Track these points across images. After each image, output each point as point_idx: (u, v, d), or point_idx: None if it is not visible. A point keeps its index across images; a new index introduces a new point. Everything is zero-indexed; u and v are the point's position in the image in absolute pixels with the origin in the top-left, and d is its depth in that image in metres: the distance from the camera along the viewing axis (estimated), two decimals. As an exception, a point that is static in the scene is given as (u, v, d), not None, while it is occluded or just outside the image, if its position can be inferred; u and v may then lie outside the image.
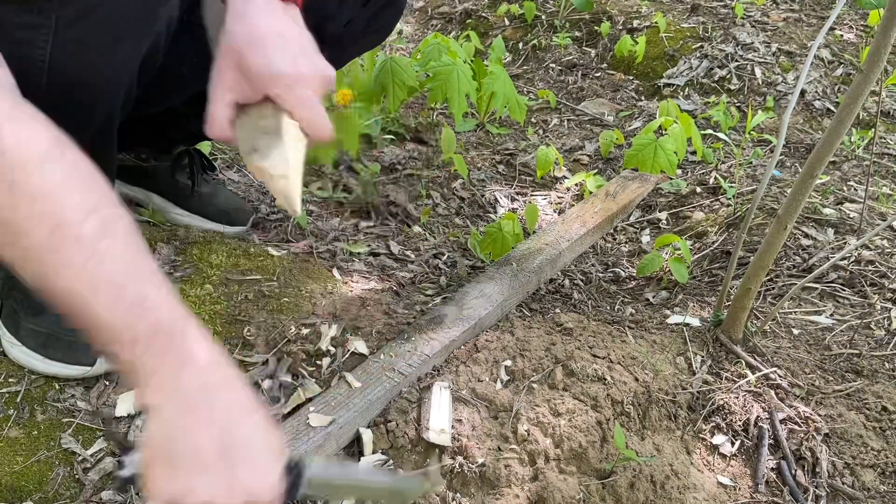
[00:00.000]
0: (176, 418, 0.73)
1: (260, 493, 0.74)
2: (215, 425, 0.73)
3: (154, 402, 0.74)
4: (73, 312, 0.72)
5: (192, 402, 0.73)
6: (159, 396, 0.73)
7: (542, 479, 1.14)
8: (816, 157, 1.22)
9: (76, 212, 0.70)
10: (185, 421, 0.73)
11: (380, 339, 1.35)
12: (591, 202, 1.99)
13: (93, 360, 1.16)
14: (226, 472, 0.73)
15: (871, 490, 1.25)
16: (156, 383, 0.73)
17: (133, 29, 0.91)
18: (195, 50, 1.30)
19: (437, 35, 2.22)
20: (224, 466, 0.73)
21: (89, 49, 0.88)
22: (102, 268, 0.70)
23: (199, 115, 1.50)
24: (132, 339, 0.71)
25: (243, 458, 0.74)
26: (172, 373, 0.73)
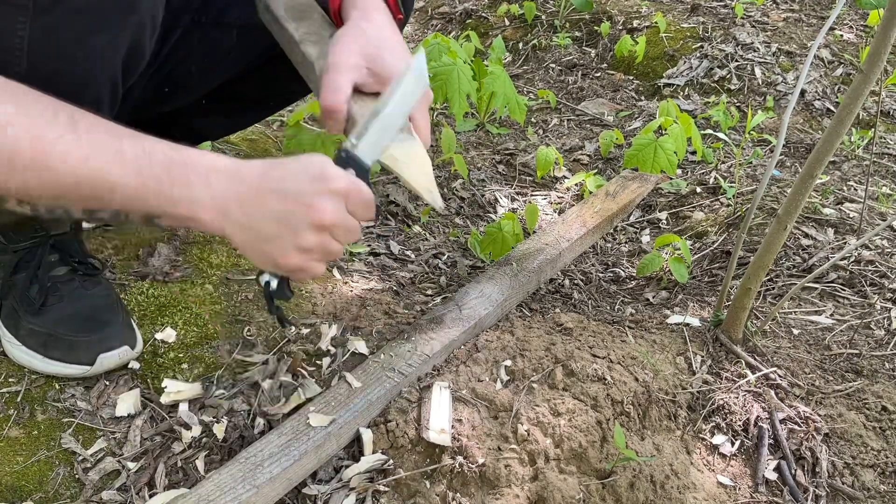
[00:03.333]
0: (236, 211, 0.86)
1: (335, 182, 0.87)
2: (261, 188, 0.86)
3: (215, 216, 0.86)
4: (95, 203, 0.83)
5: (236, 192, 0.85)
6: (213, 212, 0.85)
7: (542, 479, 1.14)
8: (816, 157, 1.22)
9: (42, 119, 0.79)
10: (242, 208, 0.86)
11: (380, 339, 1.35)
12: (591, 202, 1.99)
13: (92, 359, 1.16)
14: (297, 199, 0.86)
15: (871, 490, 1.25)
16: (202, 207, 0.85)
17: (108, 20, 0.91)
18: (204, 50, 1.31)
19: (437, 35, 2.22)
20: (294, 198, 0.86)
21: (64, 38, 0.88)
22: (95, 144, 0.80)
23: (202, 113, 1.51)
24: (158, 185, 0.82)
25: (297, 181, 0.86)
26: (205, 186, 0.84)
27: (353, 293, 1.48)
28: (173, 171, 0.83)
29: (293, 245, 0.87)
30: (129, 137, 0.83)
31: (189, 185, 0.84)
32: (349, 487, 1.10)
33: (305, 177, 0.87)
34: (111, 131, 0.83)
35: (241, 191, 0.86)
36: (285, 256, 0.88)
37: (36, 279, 1.19)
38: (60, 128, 0.79)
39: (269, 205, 0.86)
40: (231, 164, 0.87)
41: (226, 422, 1.15)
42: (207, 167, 0.85)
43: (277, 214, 0.86)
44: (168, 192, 0.83)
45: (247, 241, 0.88)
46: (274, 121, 2.27)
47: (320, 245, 0.89)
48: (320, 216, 0.86)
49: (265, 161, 0.89)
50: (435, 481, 1.13)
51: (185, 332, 1.30)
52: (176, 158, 0.84)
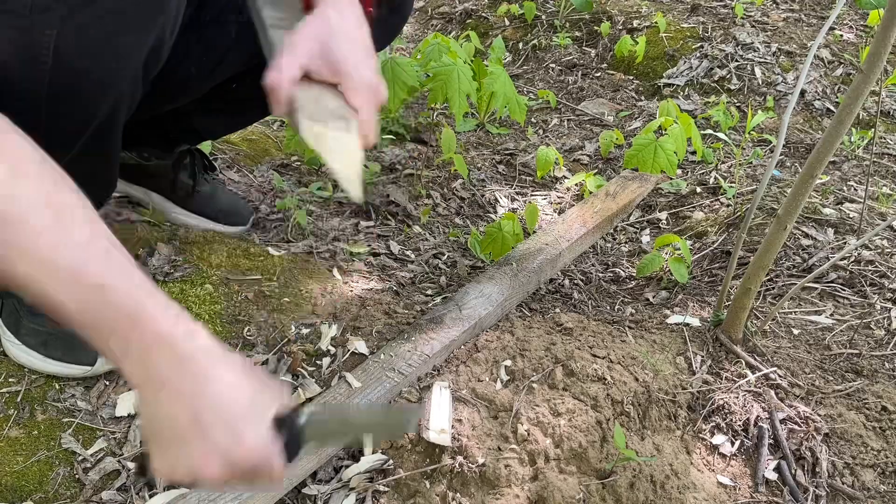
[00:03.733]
0: (153, 397, 0.75)
1: (240, 454, 0.75)
2: (186, 394, 0.74)
3: (134, 383, 0.75)
4: (43, 306, 0.73)
5: (164, 379, 0.74)
6: (136, 378, 0.75)
7: (542, 479, 1.14)
8: (816, 157, 1.22)
9: (26, 204, 0.70)
10: (159, 398, 0.75)
11: (380, 339, 1.35)
12: (591, 202, 1.99)
13: (93, 359, 1.16)
14: (201, 439, 0.74)
15: (871, 490, 1.25)
16: (129, 367, 0.74)
17: (139, 19, 0.91)
18: (203, 49, 1.31)
19: (437, 35, 2.22)
20: (198, 433, 0.74)
21: (94, 37, 0.88)
22: (58, 254, 0.71)
23: (202, 112, 1.51)
24: (98, 325, 0.72)
25: (215, 421, 0.74)
26: (142, 355, 0.74)
27: (353, 293, 1.48)
28: (118, 322, 0.73)
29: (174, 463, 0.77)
30: (98, 257, 0.73)
31: (126, 345, 0.74)
32: (349, 487, 1.10)
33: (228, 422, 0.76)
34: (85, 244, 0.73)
35: (170, 383, 0.75)
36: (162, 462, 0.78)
37: (36, 280, 1.19)
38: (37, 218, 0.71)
39: (177, 417, 0.75)
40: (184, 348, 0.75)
41: (226, 422, 1.15)
42: (157, 337, 0.74)
43: (178, 432, 0.75)
44: (104, 337, 0.73)
45: (146, 423, 0.78)
46: (274, 121, 2.27)
47: (192, 481, 0.79)
48: (201, 471, 0.76)
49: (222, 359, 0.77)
50: (435, 481, 1.13)
51: (185, 332, 1.29)
52: (130, 311, 0.73)
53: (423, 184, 2.06)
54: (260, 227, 1.71)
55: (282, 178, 1.91)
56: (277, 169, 2.00)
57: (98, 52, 0.90)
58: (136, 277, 0.74)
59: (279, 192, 1.86)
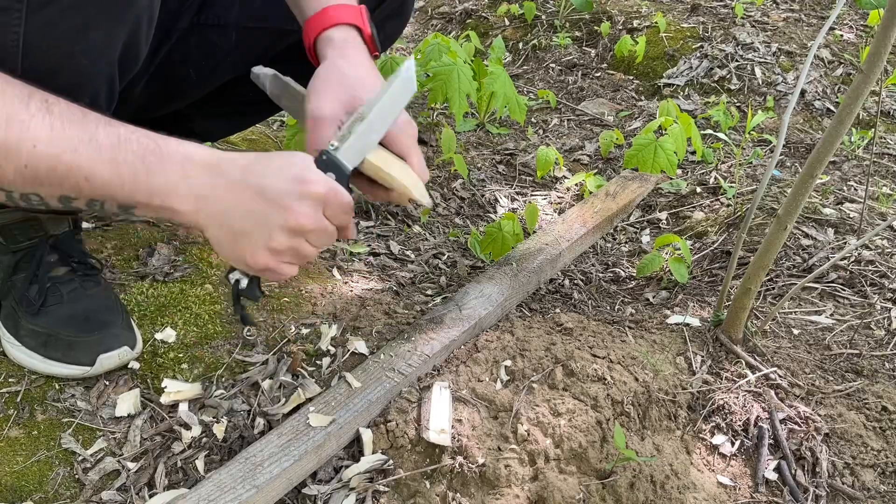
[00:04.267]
0: (210, 207, 0.84)
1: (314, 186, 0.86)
2: (237, 185, 0.84)
3: (189, 209, 0.84)
4: (74, 192, 0.81)
5: (212, 186, 0.84)
6: (188, 203, 0.84)
7: (542, 479, 1.14)
8: (816, 157, 1.22)
9: (16, 101, 0.77)
10: (217, 204, 0.84)
11: (380, 339, 1.35)
12: (591, 202, 1.99)
13: (92, 360, 1.16)
14: (276, 202, 0.84)
15: (871, 490, 1.25)
16: (177, 197, 0.83)
17: (105, 15, 0.90)
18: (203, 52, 1.31)
19: (437, 35, 2.22)
20: (272, 200, 0.84)
21: (61, 33, 0.88)
22: (67, 130, 0.78)
23: (202, 115, 1.51)
24: (134, 175, 0.80)
25: (275, 181, 0.85)
26: (182, 177, 0.83)
27: (353, 293, 1.48)
28: (148, 160, 0.81)
29: (265, 245, 0.86)
30: (104, 124, 0.81)
31: (165, 174, 0.82)
32: (349, 487, 1.10)
33: (285, 177, 0.85)
34: (86, 117, 0.81)
35: (218, 184, 0.84)
36: (255, 256, 0.87)
37: (35, 279, 1.19)
38: (34, 110, 0.77)
39: (244, 202, 0.84)
40: (210, 155, 0.85)
41: (226, 422, 1.15)
42: (185, 157, 0.83)
43: (252, 213, 0.84)
44: (143, 181, 0.81)
45: (219, 236, 0.86)
46: (274, 121, 2.27)
47: (293, 248, 0.87)
48: (296, 219, 0.85)
49: (246, 155, 0.88)
50: (435, 481, 1.13)
51: (185, 332, 1.30)
52: (152, 147, 0.82)
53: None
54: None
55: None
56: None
57: (67, 48, 0.89)
58: (132, 126, 0.84)
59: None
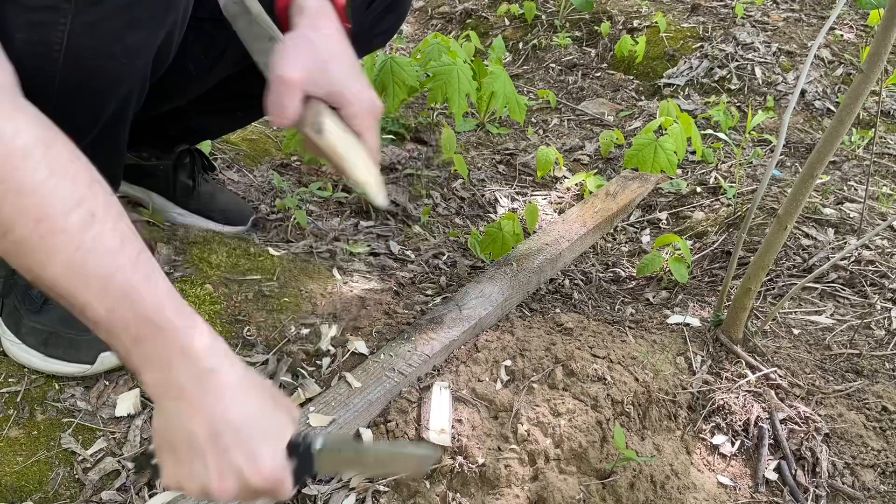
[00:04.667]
0: (171, 408, 0.76)
1: (256, 476, 0.76)
2: (206, 410, 0.75)
3: (152, 392, 0.76)
4: (67, 306, 0.74)
5: (184, 391, 0.75)
6: (155, 387, 0.76)
7: (542, 479, 1.14)
8: (816, 157, 1.21)
9: (61, 204, 0.70)
10: (178, 409, 0.75)
11: (380, 339, 1.35)
12: (591, 202, 1.99)
13: (93, 358, 1.16)
14: (217, 457, 0.75)
15: (871, 490, 1.25)
16: (150, 375, 0.75)
17: (150, 16, 0.92)
18: (201, 47, 1.30)
19: (437, 35, 2.22)
20: (215, 451, 0.75)
21: (105, 33, 0.88)
22: (88, 260, 0.71)
23: (200, 112, 1.51)
24: (123, 332, 0.73)
25: (234, 441, 0.75)
26: (164, 364, 0.74)
27: (353, 293, 1.48)
28: (143, 330, 0.73)
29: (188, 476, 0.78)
30: (128, 267, 0.73)
31: (148, 354, 0.74)
32: (349, 487, 1.10)
33: (245, 442, 0.76)
34: (115, 252, 0.73)
35: (191, 396, 0.75)
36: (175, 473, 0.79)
37: (36, 279, 1.19)
38: (72, 220, 0.70)
39: (196, 432, 0.75)
40: (206, 363, 0.76)
41: (226, 422, 1.15)
42: (180, 349, 0.75)
43: (195, 447, 0.76)
44: (126, 344, 0.74)
45: (160, 435, 0.79)
46: (274, 121, 2.27)
47: (203, 496, 0.79)
48: (217, 488, 0.76)
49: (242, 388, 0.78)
50: (435, 481, 1.13)
51: (185, 331, 1.29)
52: (154, 319, 0.74)
53: (423, 184, 2.06)
54: (260, 227, 1.71)
55: (282, 177, 1.91)
56: (277, 169, 2.00)
57: (109, 49, 0.90)
58: (161, 285, 0.75)
59: (279, 192, 1.86)
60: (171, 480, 0.79)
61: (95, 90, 0.81)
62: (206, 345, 0.76)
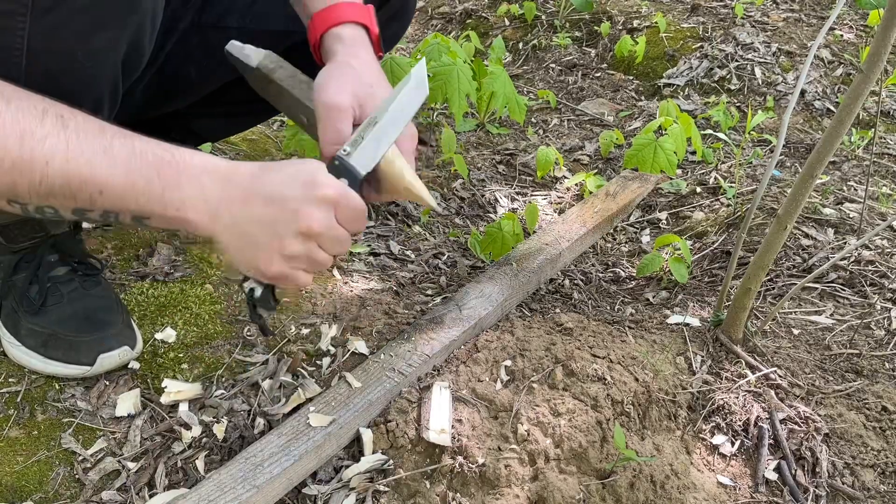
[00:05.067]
0: (226, 216, 0.84)
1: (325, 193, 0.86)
2: (254, 194, 0.85)
3: (203, 220, 0.84)
4: (89, 203, 0.81)
5: (228, 195, 0.84)
6: (203, 214, 0.84)
7: (542, 479, 1.14)
8: (816, 157, 1.22)
9: (30, 117, 0.77)
10: (233, 212, 0.84)
11: (380, 339, 1.35)
12: (591, 202, 1.99)
13: (93, 359, 1.16)
14: (287, 204, 0.84)
15: (871, 490, 1.25)
16: (192, 208, 0.84)
17: (112, 18, 0.91)
18: (203, 52, 1.31)
19: (437, 35, 2.22)
20: (284, 204, 0.84)
21: (67, 37, 0.88)
22: (82, 145, 0.79)
23: (202, 114, 1.51)
24: (148, 187, 0.81)
25: (292, 194, 0.85)
26: (196, 189, 0.83)
27: (353, 293, 1.48)
28: (164, 172, 0.82)
29: (278, 252, 0.86)
30: (119, 136, 0.82)
31: (179, 186, 0.82)
32: (349, 487, 1.10)
33: (296, 183, 0.85)
34: (101, 130, 0.81)
35: (232, 194, 0.84)
36: (269, 263, 0.87)
37: (36, 279, 1.19)
38: (49, 126, 0.78)
39: (257, 209, 0.84)
40: (223, 165, 0.86)
41: (226, 422, 1.15)
42: (200, 168, 0.84)
43: (265, 219, 0.85)
44: (158, 193, 0.82)
45: (233, 245, 0.87)
46: (274, 121, 2.27)
47: (306, 254, 0.87)
48: (308, 224, 0.85)
49: (258, 164, 0.88)
50: (435, 481, 1.13)
51: (185, 332, 1.30)
52: (167, 159, 0.83)
53: (423, 183, 2.05)
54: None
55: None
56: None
57: (70, 52, 0.89)
58: (151, 139, 0.84)
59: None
60: (274, 266, 0.87)
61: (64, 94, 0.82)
62: (215, 158, 0.87)
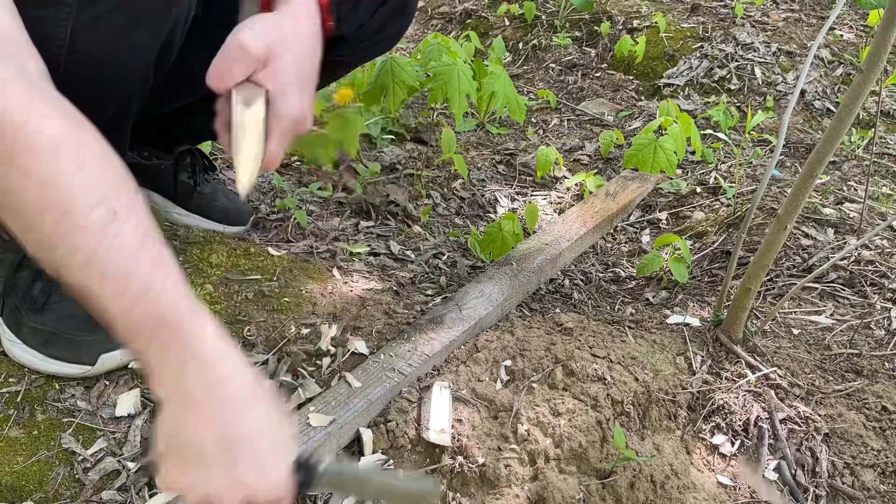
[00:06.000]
0: (180, 413, 0.74)
1: (262, 490, 0.75)
2: (216, 420, 0.74)
3: (161, 395, 0.75)
4: (83, 301, 0.72)
5: (195, 398, 0.73)
6: (165, 390, 0.74)
7: (542, 478, 1.14)
8: (816, 157, 1.22)
9: (85, 199, 0.68)
10: (187, 416, 0.74)
11: (380, 339, 1.35)
12: (591, 202, 1.99)
13: (94, 359, 1.16)
14: (226, 469, 0.74)
15: (871, 490, 1.25)
16: (161, 377, 0.74)
17: (153, 13, 0.91)
18: (207, 48, 1.31)
19: (437, 35, 2.22)
20: (224, 463, 0.74)
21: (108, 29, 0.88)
22: (108, 257, 0.69)
23: (203, 112, 1.50)
24: (138, 331, 0.71)
25: (244, 454, 0.74)
26: (176, 367, 0.73)
27: (353, 293, 1.48)
28: (158, 332, 0.72)
29: (193, 484, 0.76)
30: (147, 264, 0.72)
31: (163, 356, 0.73)
32: (349, 487, 1.10)
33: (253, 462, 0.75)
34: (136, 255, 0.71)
35: (202, 404, 0.74)
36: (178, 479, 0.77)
37: (39, 277, 1.19)
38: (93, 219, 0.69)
39: (204, 441, 0.74)
40: (219, 370, 0.74)
41: (226, 422, 1.15)
42: (195, 354, 0.73)
43: (203, 456, 0.74)
44: (142, 343, 0.72)
45: (166, 436, 0.77)
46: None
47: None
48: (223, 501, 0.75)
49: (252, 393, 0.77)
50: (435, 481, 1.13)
51: (186, 332, 1.29)
52: (170, 321, 0.72)
53: (423, 184, 2.06)
54: (260, 227, 1.71)
55: (282, 178, 1.91)
56: (277, 169, 2.00)
57: (112, 45, 0.90)
58: (179, 287, 0.73)
59: (279, 192, 1.86)
60: (174, 485, 0.77)
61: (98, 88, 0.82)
62: (221, 352, 0.75)
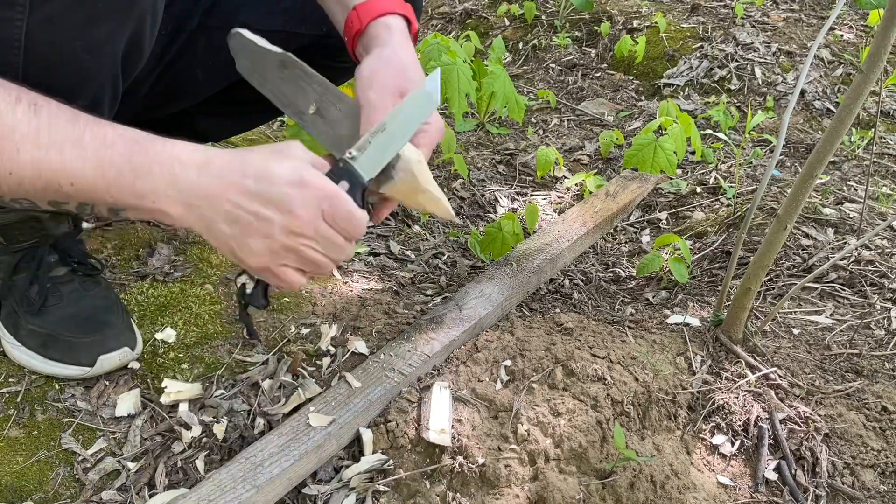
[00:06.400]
0: (201, 208, 0.81)
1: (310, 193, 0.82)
2: (231, 185, 0.81)
3: (179, 213, 0.81)
4: (61, 195, 0.79)
5: (202, 186, 0.81)
6: (177, 206, 0.81)
7: (542, 479, 1.14)
8: (816, 157, 1.22)
9: (5, 104, 0.75)
10: (207, 204, 0.81)
11: (380, 339, 1.35)
12: (591, 202, 1.99)
13: (92, 360, 1.16)
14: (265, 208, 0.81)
15: (871, 490, 1.25)
16: (166, 200, 0.80)
17: (109, 11, 0.90)
18: (210, 53, 1.31)
19: (437, 35, 2.22)
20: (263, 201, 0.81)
21: (64, 28, 0.87)
22: (53, 133, 0.77)
23: (206, 114, 1.51)
24: (119, 174, 0.78)
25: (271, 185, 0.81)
26: (168, 180, 0.80)
27: (353, 293, 1.48)
28: (135, 162, 0.78)
29: (264, 247, 0.83)
30: (92, 125, 0.79)
31: (151, 177, 0.79)
32: (349, 487, 1.10)
33: (279, 177, 0.82)
34: (74, 119, 0.79)
35: (209, 184, 0.80)
36: (252, 257, 0.84)
37: (36, 280, 1.19)
38: (20, 115, 0.76)
39: (237, 202, 0.81)
40: (200, 154, 0.82)
41: (226, 422, 1.15)
42: (172, 158, 0.80)
43: (246, 213, 0.81)
44: (129, 184, 0.78)
45: (215, 237, 0.83)
46: (274, 121, 2.27)
47: (293, 251, 0.84)
48: (290, 220, 0.82)
49: (237, 152, 0.84)
50: (435, 481, 1.13)
51: (185, 332, 1.30)
52: (138, 149, 0.79)
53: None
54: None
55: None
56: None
57: (69, 44, 0.88)
58: (127, 126, 0.81)
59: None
60: (256, 260, 0.83)
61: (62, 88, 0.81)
62: (191, 147, 0.82)
